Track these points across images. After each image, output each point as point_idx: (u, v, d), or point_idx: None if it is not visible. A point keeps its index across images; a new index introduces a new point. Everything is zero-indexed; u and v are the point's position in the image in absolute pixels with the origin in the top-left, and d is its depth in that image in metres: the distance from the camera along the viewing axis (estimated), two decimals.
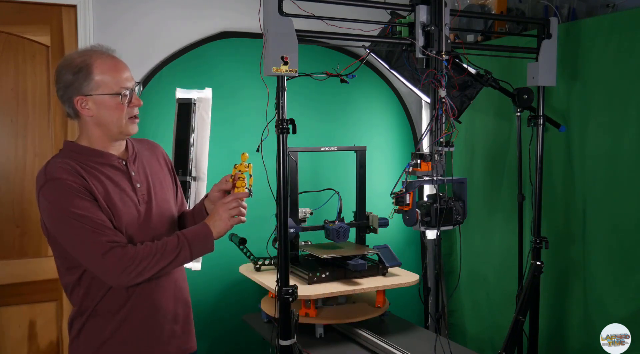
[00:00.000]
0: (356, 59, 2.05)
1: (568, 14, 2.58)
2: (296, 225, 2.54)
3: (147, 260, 1.63)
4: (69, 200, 1.60)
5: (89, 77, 1.67)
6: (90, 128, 1.73)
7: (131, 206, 1.72)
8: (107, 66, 1.69)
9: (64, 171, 1.63)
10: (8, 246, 2.63)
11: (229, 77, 2.94)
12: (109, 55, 1.73)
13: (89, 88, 1.67)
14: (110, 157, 1.75)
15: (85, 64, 1.67)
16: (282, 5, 1.79)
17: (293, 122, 1.82)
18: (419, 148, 2.92)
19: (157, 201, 1.81)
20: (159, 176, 1.87)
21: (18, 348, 2.66)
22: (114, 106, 1.70)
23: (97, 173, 1.69)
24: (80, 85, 1.67)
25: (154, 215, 1.78)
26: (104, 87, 1.68)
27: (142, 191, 1.77)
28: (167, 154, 2.00)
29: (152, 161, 1.88)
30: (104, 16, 2.73)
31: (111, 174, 1.72)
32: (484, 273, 3.05)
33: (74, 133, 2.71)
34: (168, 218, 1.84)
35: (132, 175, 1.77)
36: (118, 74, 1.70)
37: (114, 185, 1.71)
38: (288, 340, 1.87)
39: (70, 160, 1.68)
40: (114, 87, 1.69)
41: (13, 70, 2.61)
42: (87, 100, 1.68)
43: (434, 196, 2.10)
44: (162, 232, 1.78)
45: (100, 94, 1.68)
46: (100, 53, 1.72)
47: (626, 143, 2.28)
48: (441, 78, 1.98)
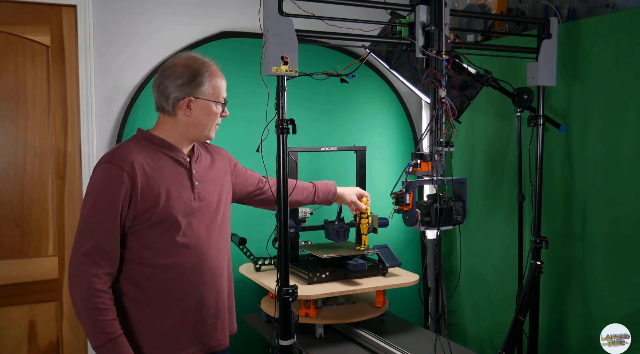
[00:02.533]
0: (356, 59, 2.05)
1: (568, 14, 2.58)
2: (296, 225, 2.54)
3: (81, 305, 1.68)
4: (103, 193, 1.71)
5: (205, 82, 1.83)
6: (179, 126, 1.86)
7: (185, 201, 1.82)
8: (218, 76, 1.89)
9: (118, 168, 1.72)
10: (8, 246, 2.63)
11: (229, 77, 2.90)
12: (217, 67, 1.91)
13: (201, 91, 1.83)
14: (178, 151, 1.86)
15: (204, 70, 1.84)
16: (282, 5, 1.79)
17: (293, 122, 1.82)
18: (419, 148, 2.92)
19: (211, 201, 1.90)
20: (218, 179, 1.97)
21: (18, 348, 2.66)
22: (212, 112, 1.86)
23: (161, 164, 1.81)
24: (196, 88, 1.82)
25: (204, 212, 1.87)
26: (213, 94, 1.86)
27: (199, 190, 1.86)
28: (230, 155, 2.13)
29: (214, 165, 1.98)
30: (104, 16, 2.73)
31: (174, 168, 1.83)
32: (484, 273, 3.05)
33: (75, 133, 2.72)
34: (216, 219, 1.92)
35: (193, 173, 1.87)
36: (223, 85, 1.90)
37: (175, 179, 1.82)
38: (288, 340, 1.87)
39: (141, 147, 1.80)
40: (219, 96, 1.88)
41: (13, 70, 2.61)
42: (195, 101, 1.82)
43: (434, 196, 2.10)
44: (208, 229, 1.87)
45: (207, 99, 1.84)
46: (213, 63, 1.90)
47: (626, 143, 2.28)
48: (441, 78, 1.98)
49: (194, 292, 1.83)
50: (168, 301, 1.79)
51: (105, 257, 1.70)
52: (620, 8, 2.42)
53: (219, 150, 2.09)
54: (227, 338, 1.95)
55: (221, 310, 1.91)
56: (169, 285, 1.79)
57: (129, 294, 1.77)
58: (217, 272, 1.89)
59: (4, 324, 2.63)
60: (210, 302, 1.87)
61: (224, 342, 1.93)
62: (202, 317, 1.85)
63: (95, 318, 1.67)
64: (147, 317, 1.78)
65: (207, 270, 1.86)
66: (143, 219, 1.74)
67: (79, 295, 1.68)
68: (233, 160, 2.13)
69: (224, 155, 2.08)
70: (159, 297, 1.79)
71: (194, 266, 1.82)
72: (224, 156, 2.08)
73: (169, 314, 1.80)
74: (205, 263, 1.85)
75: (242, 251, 2.66)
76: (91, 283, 1.67)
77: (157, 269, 1.78)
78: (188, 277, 1.81)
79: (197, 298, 1.83)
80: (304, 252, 2.69)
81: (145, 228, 1.75)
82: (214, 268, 1.89)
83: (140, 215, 1.74)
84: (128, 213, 1.73)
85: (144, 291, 1.77)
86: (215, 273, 1.89)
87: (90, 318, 1.67)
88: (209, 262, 1.86)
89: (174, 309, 1.80)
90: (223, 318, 1.92)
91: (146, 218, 1.74)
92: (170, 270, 1.79)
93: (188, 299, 1.82)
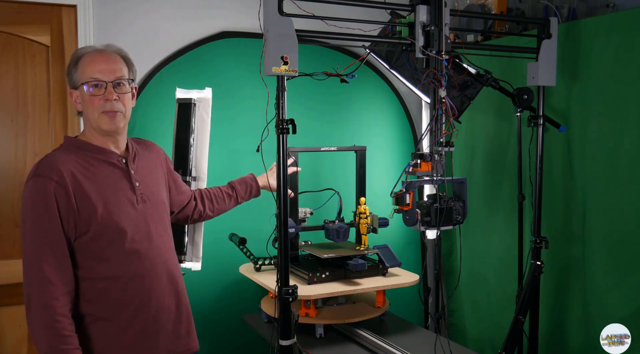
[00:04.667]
0: (356, 59, 2.05)
1: (568, 14, 2.58)
2: (296, 225, 2.53)
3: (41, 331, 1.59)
4: (38, 211, 1.62)
5: (76, 69, 1.71)
6: (85, 122, 1.77)
7: (127, 204, 1.73)
8: (90, 58, 1.72)
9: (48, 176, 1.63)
10: (8, 246, 2.63)
11: (229, 77, 2.93)
12: (98, 49, 1.75)
13: (74, 80, 1.72)
14: (110, 154, 1.76)
15: (75, 57, 1.72)
16: (282, 5, 1.79)
17: (293, 122, 1.82)
18: (419, 148, 2.92)
19: (155, 201, 1.82)
20: (157, 177, 1.89)
21: (18, 348, 2.66)
22: (88, 98, 1.71)
23: (94, 170, 1.70)
24: (72, 78, 1.73)
25: (150, 214, 1.78)
26: (82, 77, 1.71)
27: (141, 190, 1.78)
28: (166, 154, 2.01)
29: (150, 161, 1.89)
30: (104, 16, 2.72)
31: (109, 172, 1.73)
32: (484, 273, 3.05)
33: (74, 133, 2.71)
34: (163, 218, 1.85)
35: (132, 174, 1.77)
36: (94, 65, 1.71)
37: (111, 183, 1.72)
38: (288, 340, 1.87)
39: (70, 155, 1.69)
40: (86, 77, 1.70)
41: (13, 70, 2.61)
42: (76, 93, 1.73)
43: (434, 196, 2.10)
44: (157, 231, 1.79)
45: (80, 85, 1.71)
46: (93, 47, 1.75)
47: (626, 143, 2.28)
48: (441, 78, 1.98)
49: (152, 298, 1.74)
50: (127, 312, 1.71)
51: (58, 274, 1.60)
52: (620, 8, 2.42)
53: (150, 143, 1.98)
54: (195, 341, 1.87)
55: (184, 314, 1.84)
56: (124, 295, 1.70)
57: (88, 313, 1.68)
58: (172, 274, 1.82)
59: (4, 324, 2.63)
60: (170, 306, 1.79)
61: (192, 346, 1.87)
62: (163, 323, 1.77)
63: (57, 348, 1.57)
64: (110, 333, 1.69)
65: (163, 272, 1.78)
66: (84, 229, 1.65)
67: (39, 319, 1.58)
68: (168, 160, 2.02)
69: (155, 149, 1.97)
70: (117, 310, 1.70)
71: (147, 271, 1.74)
72: (156, 149, 1.97)
73: (130, 326, 1.71)
74: (159, 266, 1.77)
75: (242, 251, 2.66)
76: (51, 307, 1.57)
77: (110, 281, 1.69)
78: (143, 284, 1.73)
79: (156, 304, 1.75)
80: (304, 252, 2.69)
81: (89, 239, 1.66)
82: (169, 270, 1.81)
83: (81, 224, 1.64)
84: (69, 223, 1.63)
85: (101, 306, 1.68)
86: (171, 276, 1.81)
87: (52, 349, 1.57)
88: (163, 265, 1.78)
89: (135, 319, 1.72)
90: (187, 321, 1.85)
91: (87, 227, 1.65)
92: (122, 279, 1.70)
93: (147, 306, 1.73)
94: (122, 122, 1.76)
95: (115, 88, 1.72)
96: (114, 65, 1.73)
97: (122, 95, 1.74)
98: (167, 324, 1.79)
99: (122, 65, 1.76)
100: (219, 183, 2.33)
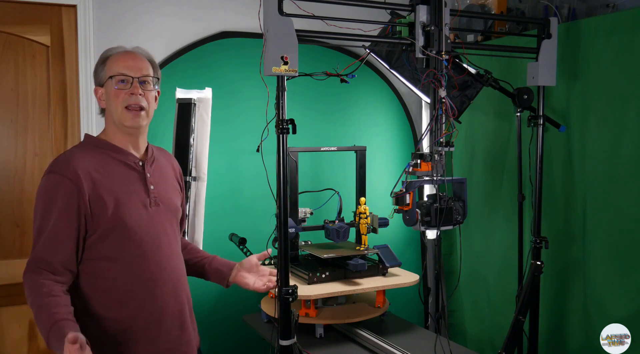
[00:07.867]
0: (356, 59, 2.05)
1: (568, 14, 2.58)
2: (296, 225, 2.54)
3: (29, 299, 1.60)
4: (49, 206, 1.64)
5: (104, 66, 1.75)
6: (107, 121, 1.80)
7: (139, 206, 1.73)
8: (119, 56, 1.76)
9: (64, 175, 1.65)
10: (8, 246, 2.63)
11: (229, 77, 2.93)
12: (127, 49, 1.80)
13: (102, 76, 1.75)
14: (128, 155, 1.77)
15: (104, 56, 1.77)
16: (282, 5, 1.79)
17: (293, 122, 1.82)
18: (419, 148, 2.92)
19: (168, 205, 1.82)
20: (172, 184, 1.90)
21: (18, 348, 2.66)
22: (113, 93, 1.73)
23: (110, 169, 1.72)
24: (98, 75, 1.76)
25: (162, 218, 1.78)
26: (109, 72, 1.74)
27: (155, 194, 1.78)
28: (180, 168, 2.02)
29: (167, 170, 1.91)
30: (104, 16, 2.72)
31: (125, 173, 1.74)
32: (484, 273, 3.05)
33: (74, 133, 2.71)
34: (174, 224, 1.86)
35: (147, 177, 1.78)
36: (122, 62, 1.74)
37: (125, 184, 1.73)
38: (288, 340, 1.87)
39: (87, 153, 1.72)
40: (113, 71, 1.73)
41: (13, 70, 2.61)
42: (101, 90, 1.76)
43: (434, 196, 2.10)
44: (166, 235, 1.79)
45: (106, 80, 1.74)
46: (122, 47, 1.80)
47: (626, 143, 2.28)
48: (441, 78, 1.98)
49: (156, 302, 1.73)
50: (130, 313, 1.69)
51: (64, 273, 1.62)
52: (620, 8, 2.42)
53: (170, 155, 2.00)
54: (194, 351, 1.86)
55: (186, 323, 1.82)
56: (129, 296, 1.69)
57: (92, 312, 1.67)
58: (177, 281, 1.80)
59: (4, 324, 2.63)
60: (175, 312, 1.77)
61: None
62: (167, 327, 1.75)
63: (43, 302, 1.56)
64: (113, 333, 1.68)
65: (168, 278, 1.76)
66: (95, 227, 1.65)
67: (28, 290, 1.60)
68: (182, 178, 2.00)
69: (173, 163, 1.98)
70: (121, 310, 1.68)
71: (153, 274, 1.72)
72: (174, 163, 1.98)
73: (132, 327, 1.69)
74: (165, 270, 1.76)
75: (242, 251, 2.66)
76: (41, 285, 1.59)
77: (116, 281, 1.68)
78: (148, 286, 1.72)
79: (160, 308, 1.73)
80: (304, 252, 2.69)
81: (98, 238, 1.66)
82: (176, 276, 1.80)
83: (92, 223, 1.65)
84: (80, 221, 1.64)
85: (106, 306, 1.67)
86: (176, 283, 1.80)
87: (39, 308, 1.57)
88: (170, 270, 1.78)
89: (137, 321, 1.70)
90: (188, 331, 1.82)
91: (97, 225, 1.65)
92: (129, 280, 1.69)
93: (151, 309, 1.72)
94: (144, 120, 1.77)
95: (141, 85, 1.75)
96: (141, 64, 1.77)
97: (147, 93, 1.76)
98: (172, 329, 1.78)
99: (148, 65, 1.80)
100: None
